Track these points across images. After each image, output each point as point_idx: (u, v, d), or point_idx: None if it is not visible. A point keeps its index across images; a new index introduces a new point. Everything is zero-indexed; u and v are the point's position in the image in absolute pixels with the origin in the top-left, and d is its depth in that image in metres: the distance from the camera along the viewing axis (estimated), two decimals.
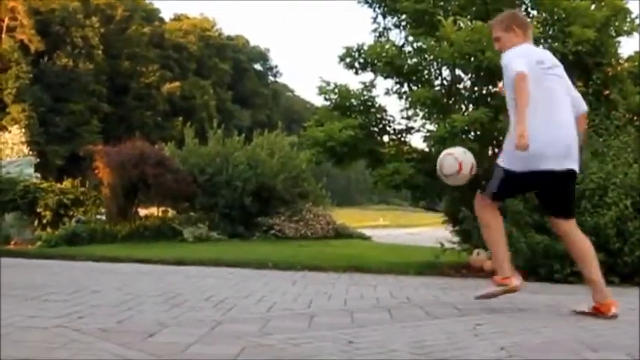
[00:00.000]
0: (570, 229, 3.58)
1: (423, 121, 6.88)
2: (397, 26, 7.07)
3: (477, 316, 3.32)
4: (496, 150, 5.94)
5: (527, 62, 3.39)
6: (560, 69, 3.62)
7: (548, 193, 3.58)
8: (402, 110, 6.93)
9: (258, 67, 69.75)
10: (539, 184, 3.56)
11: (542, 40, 6.22)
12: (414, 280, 5.38)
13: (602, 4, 6.44)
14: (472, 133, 6.27)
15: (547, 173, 3.43)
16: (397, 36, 7.12)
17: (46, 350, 2.25)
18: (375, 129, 7.08)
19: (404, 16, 6.89)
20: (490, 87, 6.55)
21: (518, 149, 3.28)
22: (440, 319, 3.26)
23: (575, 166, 3.53)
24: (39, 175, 16.36)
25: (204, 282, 4.78)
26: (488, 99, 6.45)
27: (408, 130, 7.07)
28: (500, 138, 5.17)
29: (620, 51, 6.66)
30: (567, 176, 3.51)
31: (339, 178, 39.90)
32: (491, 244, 3.69)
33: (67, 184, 13.77)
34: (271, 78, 72.45)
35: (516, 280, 3.57)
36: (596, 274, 3.46)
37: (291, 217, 11.99)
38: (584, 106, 3.73)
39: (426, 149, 6.94)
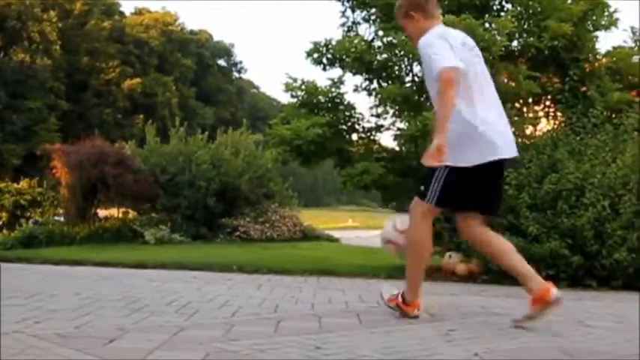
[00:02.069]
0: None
1: (394, 119, 6.83)
2: (366, 20, 6.99)
3: (450, 321, 3.28)
4: None
5: (454, 48, 3.04)
6: (477, 48, 3.31)
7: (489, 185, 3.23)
8: (371, 107, 6.87)
9: (222, 62, 69.34)
10: (488, 177, 3.22)
11: (516, 35, 6.17)
12: (385, 284, 5.26)
13: None
14: None
15: (498, 163, 3.13)
16: (366, 30, 7.07)
17: (3, 357, 2.20)
18: (344, 127, 6.98)
19: (373, 10, 6.81)
20: None
21: (429, 161, 2.90)
22: (411, 324, 3.20)
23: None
24: None
25: (167, 286, 4.69)
26: None
27: (378, 128, 7.00)
28: None
29: (597, 46, 6.65)
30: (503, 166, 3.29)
31: (306, 178, 39.88)
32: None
33: (23, 184, 13.67)
34: (236, 74, 72.28)
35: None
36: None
37: (256, 219, 11.84)
38: None
39: (397, 148, 6.87)
